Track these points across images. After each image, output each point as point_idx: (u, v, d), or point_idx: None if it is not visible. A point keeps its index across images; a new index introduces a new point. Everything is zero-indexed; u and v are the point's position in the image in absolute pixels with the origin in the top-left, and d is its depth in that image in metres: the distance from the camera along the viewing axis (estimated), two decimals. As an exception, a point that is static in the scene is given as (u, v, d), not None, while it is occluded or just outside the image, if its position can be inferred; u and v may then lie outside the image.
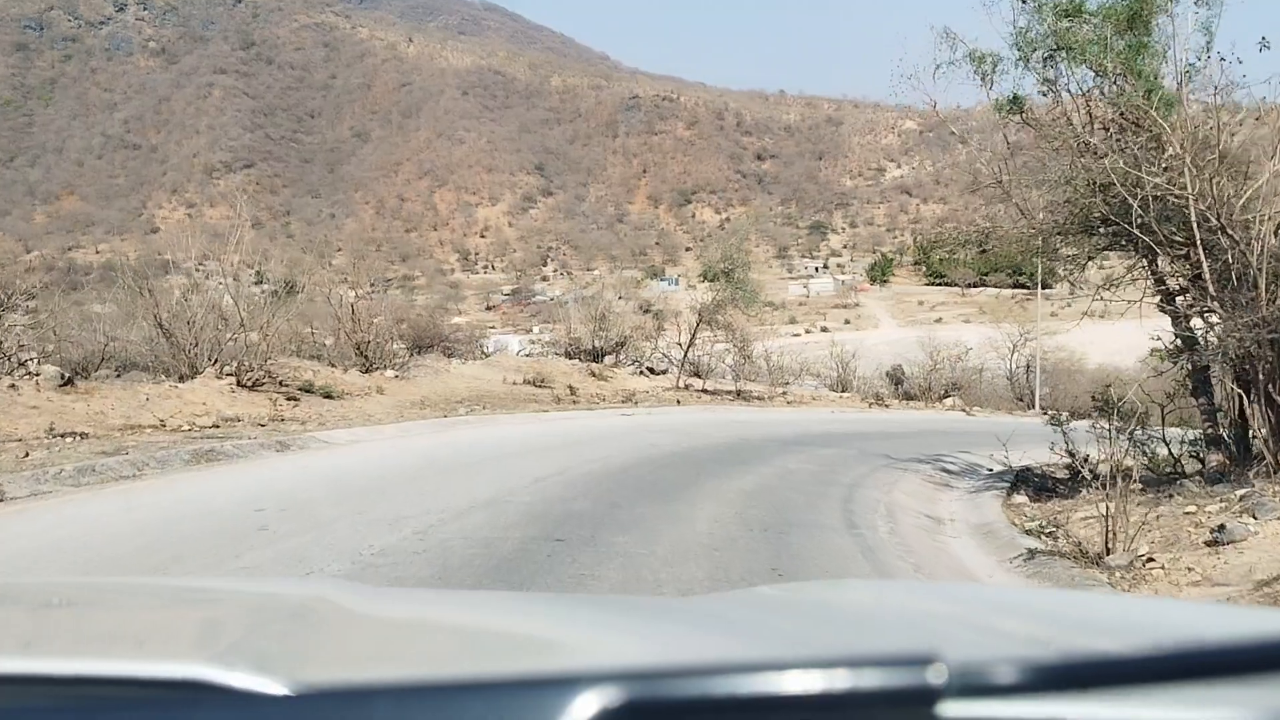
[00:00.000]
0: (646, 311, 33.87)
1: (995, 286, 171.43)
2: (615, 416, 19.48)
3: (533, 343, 49.55)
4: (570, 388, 22.71)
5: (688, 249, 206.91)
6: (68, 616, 1.69)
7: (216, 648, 1.41)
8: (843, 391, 33.21)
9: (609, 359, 27.08)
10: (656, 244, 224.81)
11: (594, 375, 25.14)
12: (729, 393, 27.19)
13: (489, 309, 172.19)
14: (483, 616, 1.83)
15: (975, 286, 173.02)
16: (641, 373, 27.24)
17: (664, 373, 28.56)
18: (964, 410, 32.35)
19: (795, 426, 20.47)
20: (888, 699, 0.74)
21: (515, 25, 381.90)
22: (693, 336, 26.66)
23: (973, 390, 36.84)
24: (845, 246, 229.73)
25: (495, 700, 0.75)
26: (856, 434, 19.45)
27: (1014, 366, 41.16)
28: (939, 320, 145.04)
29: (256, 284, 22.22)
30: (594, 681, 0.74)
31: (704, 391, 26.47)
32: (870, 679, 0.74)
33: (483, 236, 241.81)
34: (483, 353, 26.35)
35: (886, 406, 29.71)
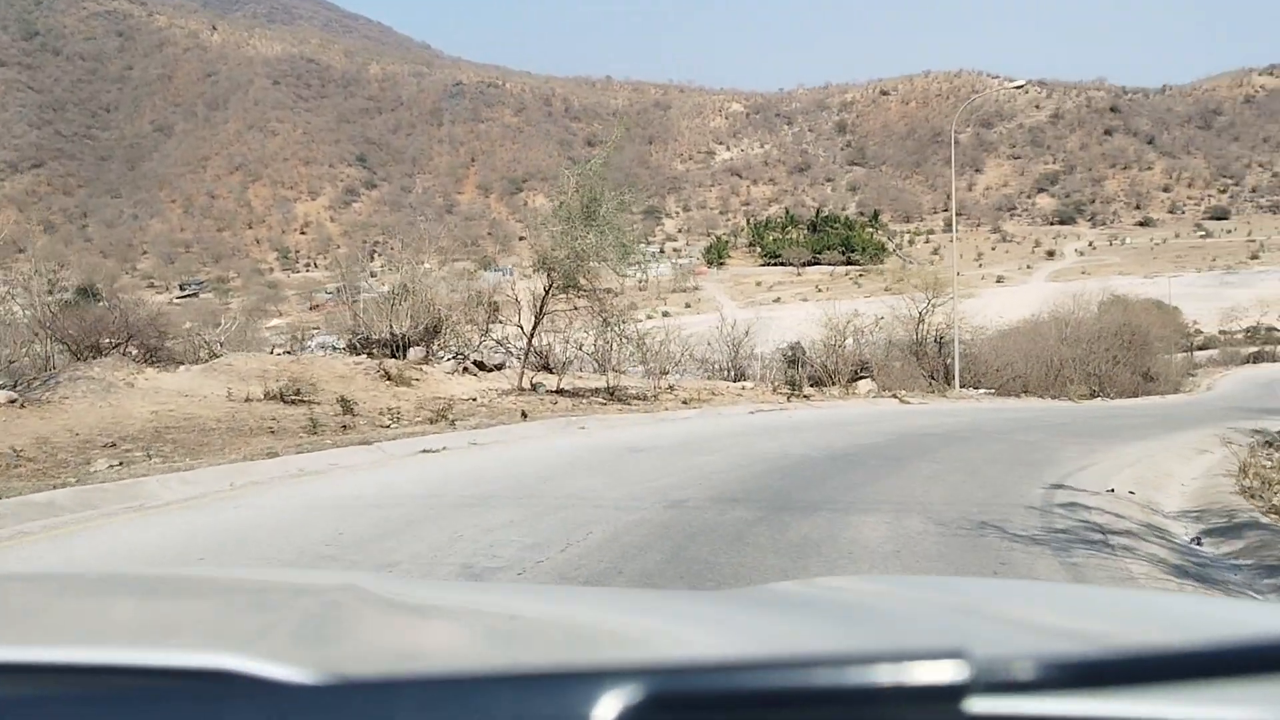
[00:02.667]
0: (480, 305, 25.25)
1: (828, 264, 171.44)
2: (403, 461, 10.42)
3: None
4: (343, 401, 13.52)
5: (521, 238, 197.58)
6: (96, 606, 1.65)
7: (244, 637, 1.38)
8: (740, 380, 24.95)
9: (414, 352, 17.92)
10: (489, 234, 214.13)
11: (390, 378, 16.00)
12: (595, 392, 18.45)
13: (313, 308, 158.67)
14: (513, 609, 1.75)
15: (810, 265, 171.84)
16: (465, 370, 18.19)
17: (499, 368, 19.57)
18: (895, 397, 24.58)
19: (734, 452, 11.92)
20: (913, 695, 0.73)
21: (329, 14, 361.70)
22: (539, 313, 17.74)
23: (887, 370, 29.22)
24: (680, 230, 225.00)
25: (521, 693, 0.75)
26: (851, 459, 11.14)
27: (921, 338, 33.87)
28: (777, 300, 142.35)
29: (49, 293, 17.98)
30: (620, 676, 0.74)
31: (559, 393, 17.68)
32: (896, 675, 0.73)
33: (303, 233, 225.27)
34: (210, 354, 16.69)
35: (807, 398, 21.57)
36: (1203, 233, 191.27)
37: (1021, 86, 31.66)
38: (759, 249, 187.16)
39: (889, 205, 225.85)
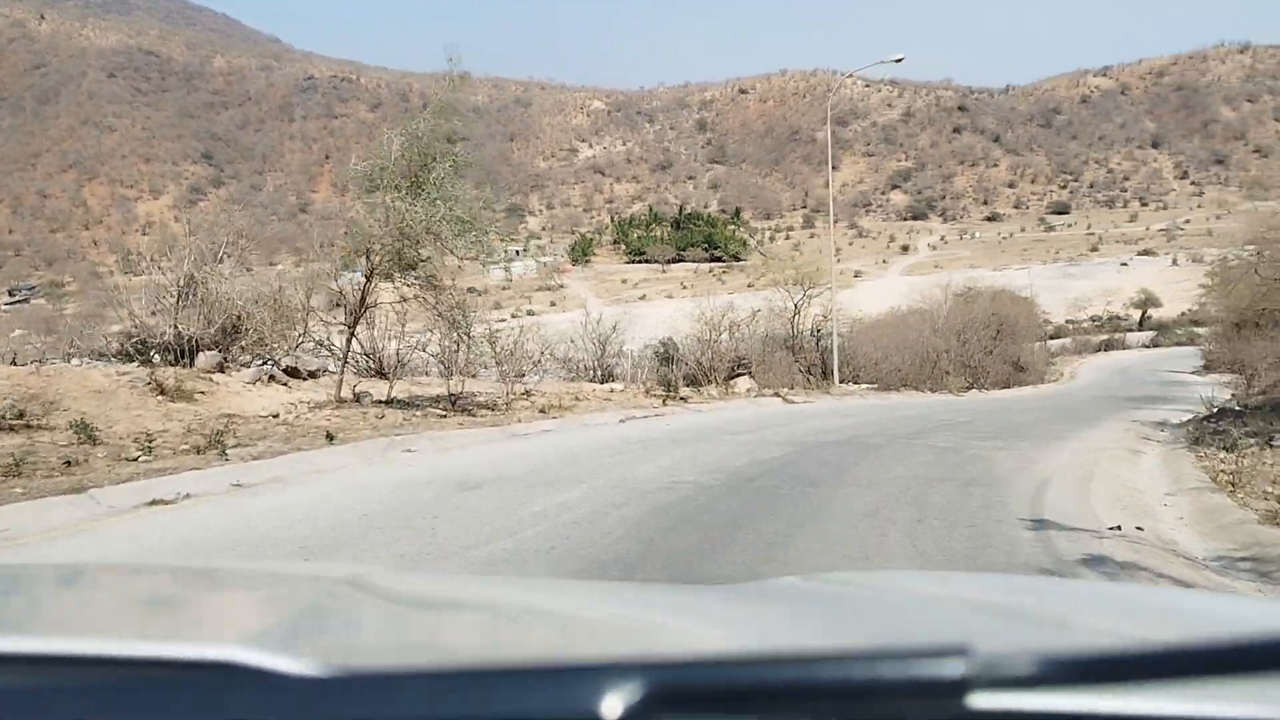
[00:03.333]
0: (338, 305, 21.59)
1: (693, 261, 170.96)
2: (118, 519, 7.03)
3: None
4: (82, 426, 10.01)
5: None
6: (102, 598, 1.66)
7: (249, 630, 1.38)
8: (608, 381, 22.05)
9: (205, 358, 14.31)
10: (345, 234, 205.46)
11: (164, 392, 12.44)
12: (436, 401, 15.25)
13: (154, 315, 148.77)
14: (518, 602, 1.76)
15: (674, 262, 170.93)
16: (272, 379, 14.72)
17: (316, 376, 16.13)
18: (778, 396, 22.09)
19: (603, 482, 8.99)
20: (916, 690, 0.73)
21: (170, 4, 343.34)
22: (359, 307, 14.37)
23: (765, 367, 26.78)
24: (544, 228, 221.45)
25: (526, 686, 0.75)
26: (758, 488, 8.28)
27: (797, 332, 31.67)
28: (643, 297, 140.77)
29: None
30: (626, 670, 0.74)
31: (389, 403, 14.41)
32: (899, 670, 0.73)
33: (145, 234, 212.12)
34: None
35: (683, 400, 18.81)
36: (1046, 227, 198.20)
37: (900, 60, 29.53)
38: (624, 246, 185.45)
39: (749, 202, 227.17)
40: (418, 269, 13.85)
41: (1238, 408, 22.49)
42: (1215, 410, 21.01)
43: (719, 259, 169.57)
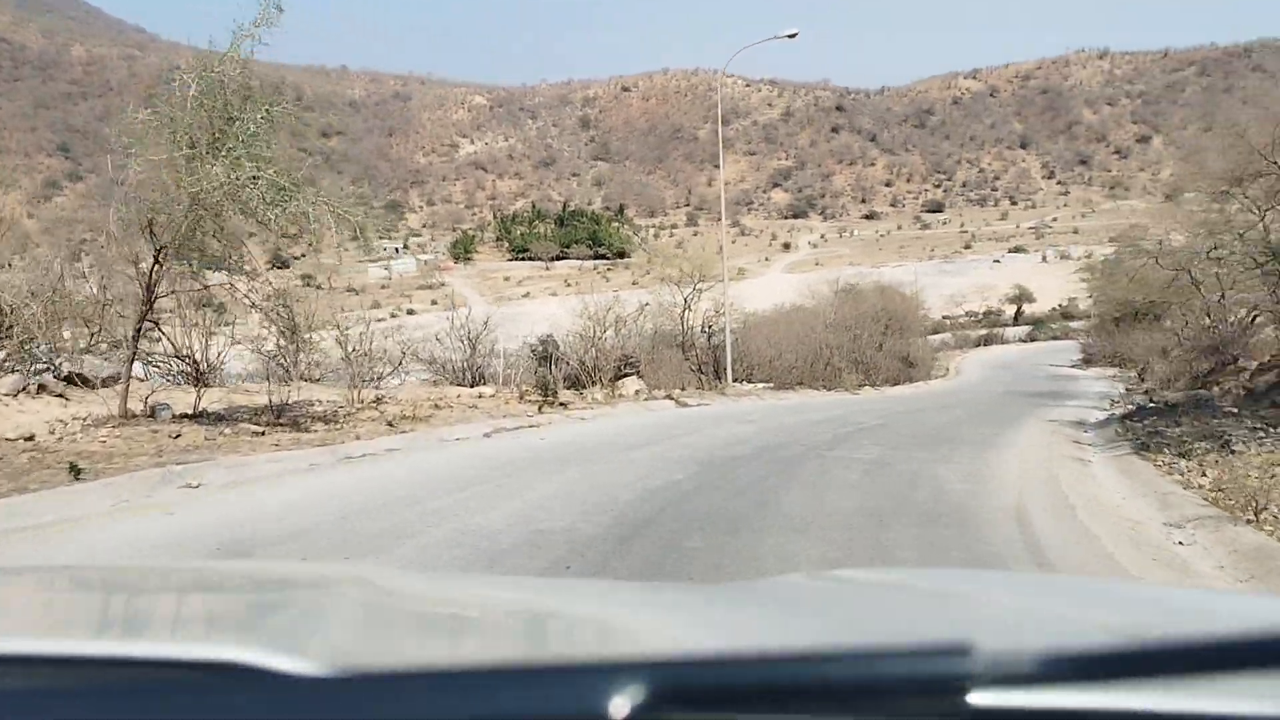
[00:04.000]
0: (206, 305, 18.42)
1: (577, 259, 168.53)
2: None
3: None
4: None
5: (251, 234, 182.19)
6: (106, 599, 1.66)
7: (255, 629, 1.40)
8: (479, 384, 19.37)
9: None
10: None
11: None
12: (260, 413, 12.38)
13: None
14: (523, 602, 1.75)
15: (558, 259, 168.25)
16: (42, 389, 11.62)
17: (107, 383, 13.03)
18: (670, 398, 19.76)
19: (439, 540, 6.41)
20: (921, 688, 0.73)
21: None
22: (148, 297, 11.33)
23: (654, 366, 24.45)
24: (425, 225, 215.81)
25: (531, 685, 0.75)
26: (657, 537, 5.80)
27: (687, 329, 29.49)
28: (527, 295, 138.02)
29: None
30: (628, 669, 0.73)
31: (193, 417, 11.49)
32: (903, 668, 0.74)
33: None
34: None
35: (564, 406, 16.29)
36: (921, 225, 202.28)
37: (794, 35, 27.52)
38: (507, 244, 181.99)
39: (634, 200, 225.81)
40: (220, 247, 10.96)
41: (1152, 404, 21.17)
42: (1134, 408, 19.59)
43: (604, 256, 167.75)
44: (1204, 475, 10.27)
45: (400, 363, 19.81)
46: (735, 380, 26.82)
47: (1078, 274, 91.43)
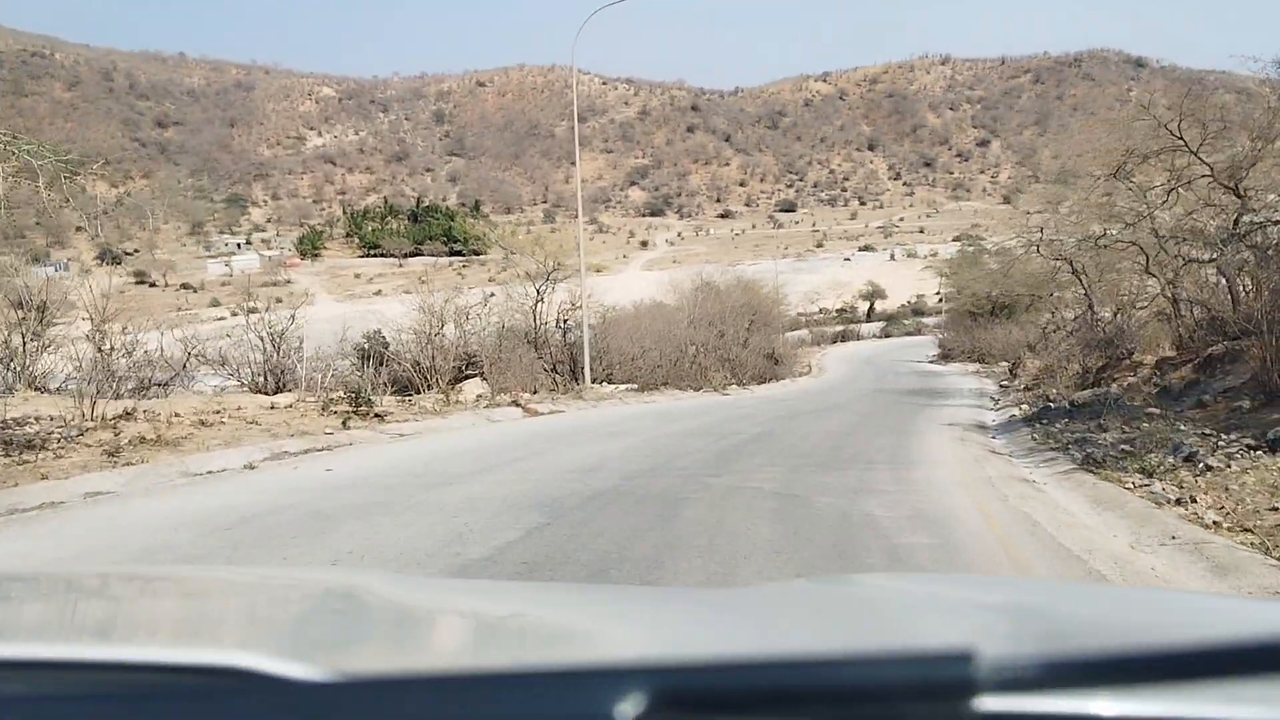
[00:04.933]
0: (21, 305, 14.44)
1: (431, 255, 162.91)
2: None
3: None
4: None
5: (79, 229, 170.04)
6: (109, 604, 1.66)
7: (255, 635, 1.40)
8: (280, 391, 15.83)
9: None
10: (37, 224, 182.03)
11: None
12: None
13: None
14: (523, 607, 1.72)
15: (412, 256, 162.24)
16: None
17: None
18: (517, 404, 16.64)
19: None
20: (924, 693, 0.73)
21: None
22: None
23: (502, 366, 21.31)
24: (269, 220, 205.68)
25: (533, 691, 0.74)
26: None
27: (540, 323, 26.44)
28: (379, 293, 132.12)
29: None
30: (632, 674, 0.73)
31: None
32: (907, 672, 0.74)
33: None
34: None
35: (379, 418, 12.98)
36: (775, 224, 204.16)
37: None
38: (357, 240, 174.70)
39: (489, 196, 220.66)
40: None
41: (1050, 403, 19.25)
42: (1038, 409, 17.56)
43: (459, 253, 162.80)
44: (1197, 503, 7.88)
45: (188, 365, 16.08)
46: (594, 381, 23.91)
47: (929, 270, 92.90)
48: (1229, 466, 9.37)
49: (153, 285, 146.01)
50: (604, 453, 10.64)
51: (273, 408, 12.81)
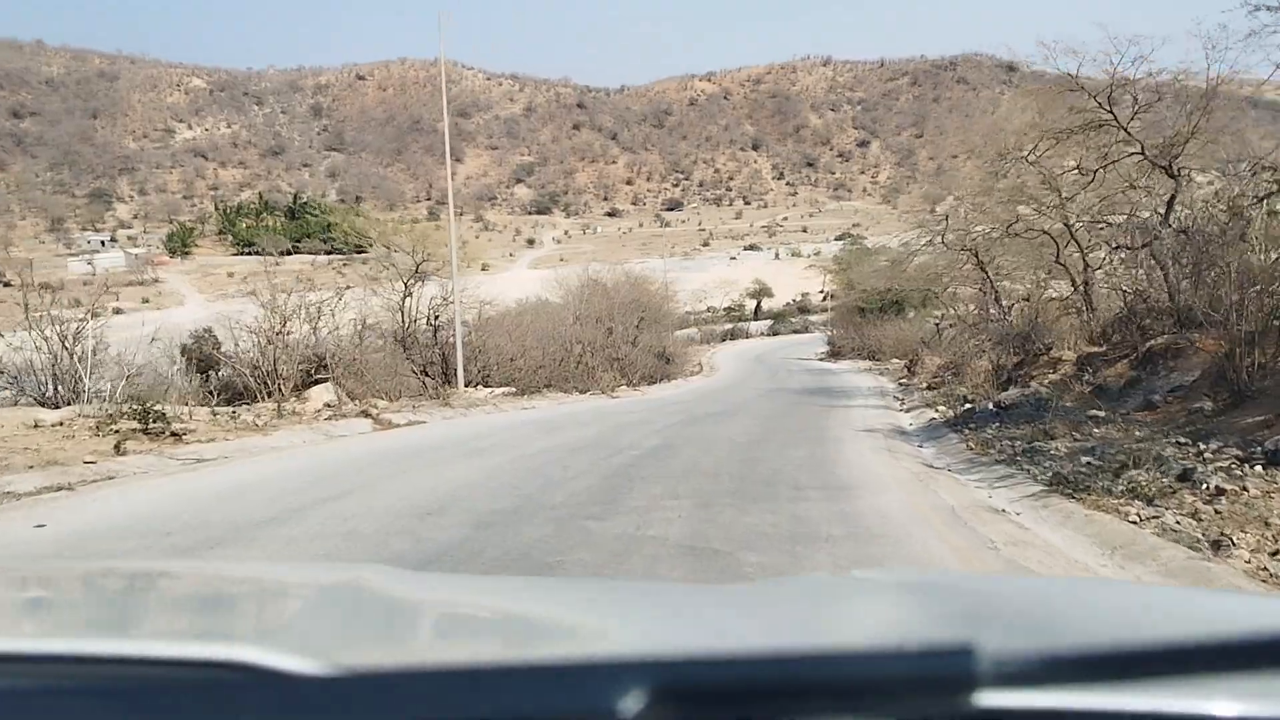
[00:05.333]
0: None
1: (310, 253, 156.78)
2: None
3: None
4: None
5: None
6: (111, 600, 1.66)
7: (257, 629, 1.41)
8: (69, 404, 12.80)
9: None
10: None
11: None
12: None
13: None
14: (524, 601, 1.73)
15: (289, 254, 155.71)
16: None
17: None
18: (367, 414, 14.01)
19: None
20: (926, 687, 0.73)
21: None
22: None
23: (359, 370, 18.56)
24: (136, 216, 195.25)
25: (536, 685, 0.74)
26: None
27: (409, 321, 23.76)
28: (253, 293, 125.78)
29: None
30: (635, 668, 0.73)
31: None
32: (907, 667, 0.74)
33: None
34: None
35: (176, 438, 10.21)
36: (662, 223, 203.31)
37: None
38: (231, 237, 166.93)
39: (371, 193, 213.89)
40: None
41: (969, 404, 17.53)
42: (960, 412, 15.76)
43: (339, 251, 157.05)
44: (1238, 546, 5.91)
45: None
46: (469, 384, 21.37)
47: (813, 268, 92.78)
48: (1244, 488, 7.48)
49: (7, 284, 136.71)
50: (458, 481, 8.19)
51: (36, 426, 9.94)
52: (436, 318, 22.86)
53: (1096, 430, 11.66)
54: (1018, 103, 21.30)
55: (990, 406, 15.35)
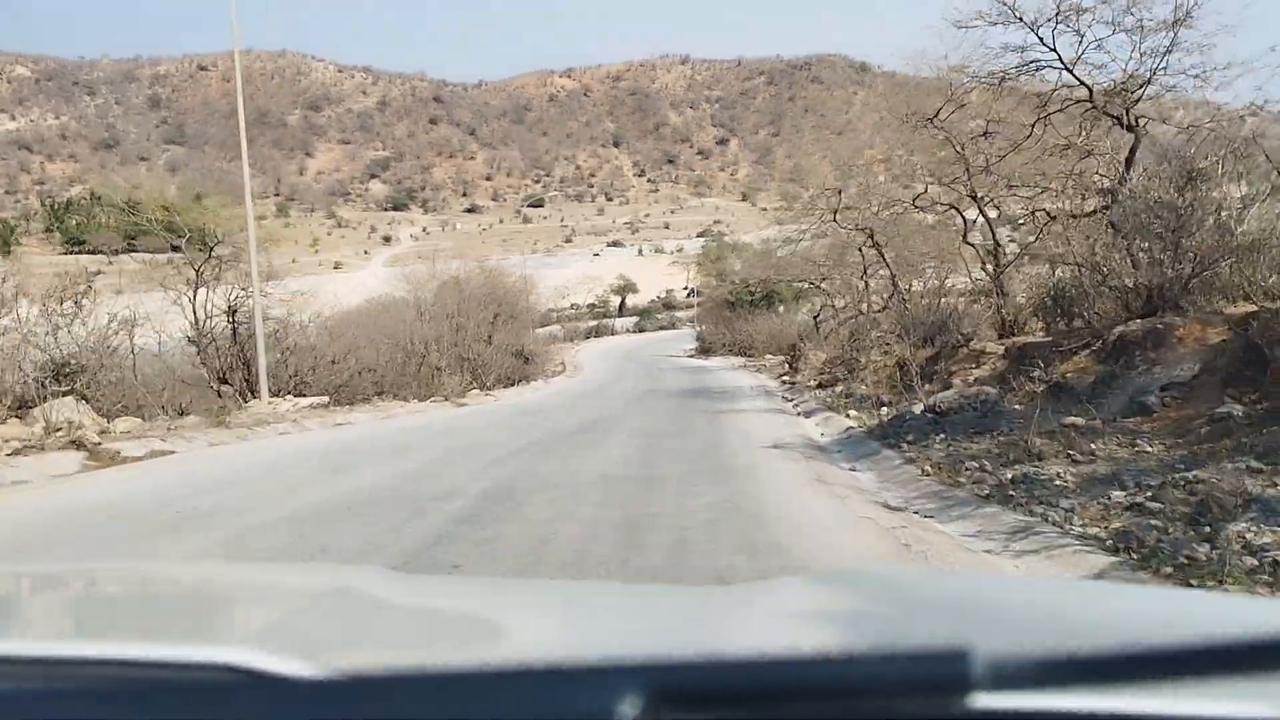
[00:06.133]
0: None
1: (149, 251, 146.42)
2: None
3: None
4: None
5: None
6: (105, 602, 1.65)
7: (251, 632, 1.39)
8: None
9: None
10: None
11: None
12: None
13: None
14: (519, 604, 1.74)
15: (125, 253, 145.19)
16: None
17: None
18: (82, 448, 9.85)
19: None
20: (920, 689, 0.72)
21: None
22: None
23: (119, 384, 14.31)
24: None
25: (531, 688, 0.73)
26: None
27: (202, 319, 19.44)
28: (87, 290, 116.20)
29: None
30: (630, 672, 0.72)
31: None
32: (902, 670, 0.73)
33: None
34: None
35: None
36: (523, 219, 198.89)
37: None
38: (59, 235, 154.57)
39: (215, 188, 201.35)
40: None
41: (885, 407, 14.48)
42: (885, 420, 12.63)
43: (179, 249, 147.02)
44: None
45: None
46: (280, 394, 17.25)
47: (676, 264, 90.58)
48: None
49: None
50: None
51: None
52: (234, 313, 18.57)
53: (1092, 446, 8.61)
54: (939, 44, 18.48)
55: (921, 411, 12.26)
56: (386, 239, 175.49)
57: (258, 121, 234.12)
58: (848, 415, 14.25)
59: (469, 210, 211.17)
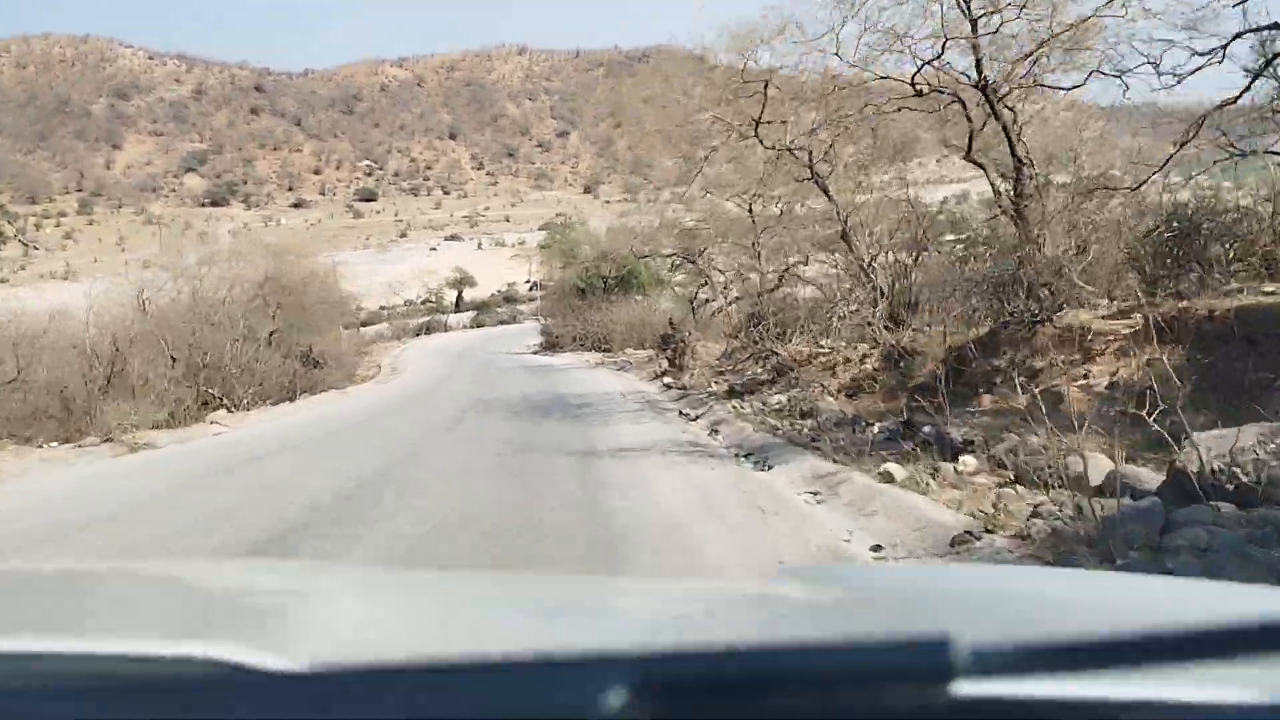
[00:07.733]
0: None
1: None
2: None
3: None
4: None
5: None
6: (85, 597, 1.65)
7: (234, 626, 1.38)
8: None
9: None
10: None
11: None
12: None
13: None
14: (504, 596, 1.73)
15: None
16: None
17: None
18: None
19: None
20: (902, 678, 0.72)
21: None
22: None
23: None
24: None
25: (520, 679, 0.73)
26: None
27: None
28: None
29: None
30: (619, 662, 0.72)
31: None
32: (885, 659, 0.74)
33: None
34: None
35: None
36: (355, 214, 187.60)
37: None
38: None
39: (9, 183, 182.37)
40: None
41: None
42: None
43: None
44: None
45: None
46: None
47: (518, 257, 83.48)
48: None
49: None
50: None
51: None
52: None
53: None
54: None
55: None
56: (202, 236, 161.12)
57: (59, 111, 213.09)
58: (925, 491, 6.62)
59: (296, 205, 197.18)
